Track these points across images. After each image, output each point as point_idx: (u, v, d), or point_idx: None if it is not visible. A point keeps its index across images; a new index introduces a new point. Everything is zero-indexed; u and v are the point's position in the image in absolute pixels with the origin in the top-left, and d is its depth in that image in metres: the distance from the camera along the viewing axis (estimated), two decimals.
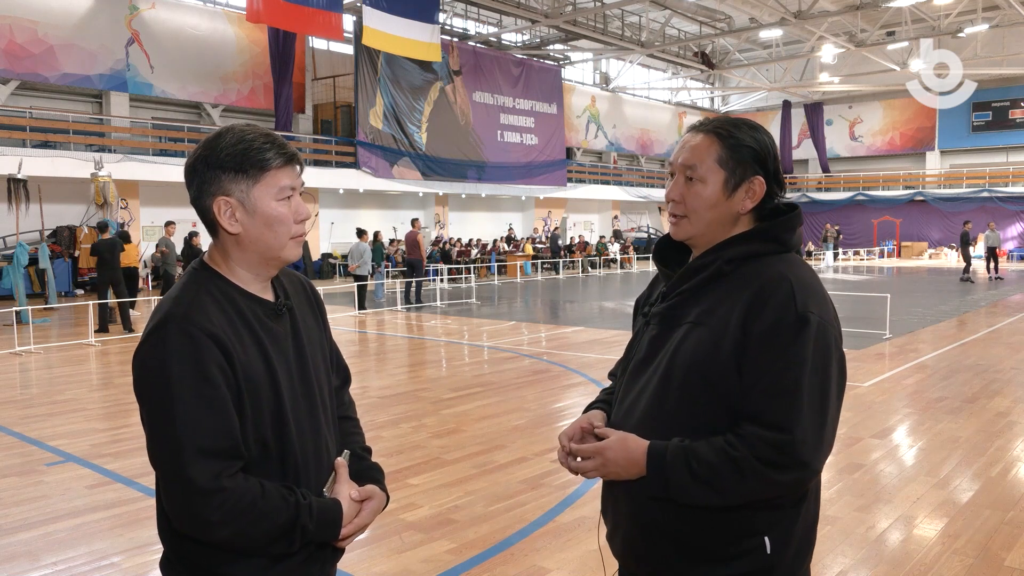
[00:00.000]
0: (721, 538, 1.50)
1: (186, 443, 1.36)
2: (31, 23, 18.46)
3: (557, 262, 26.03)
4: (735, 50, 34.26)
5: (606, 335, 11.38)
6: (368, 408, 6.94)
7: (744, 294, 1.49)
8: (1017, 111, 33.54)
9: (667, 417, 1.53)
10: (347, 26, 22.43)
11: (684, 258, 1.67)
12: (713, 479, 1.43)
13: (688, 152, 1.59)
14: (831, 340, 1.48)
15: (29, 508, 4.46)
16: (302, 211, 1.54)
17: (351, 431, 1.76)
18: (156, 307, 1.50)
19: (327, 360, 1.70)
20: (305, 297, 1.69)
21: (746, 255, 1.55)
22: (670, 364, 1.55)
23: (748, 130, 1.59)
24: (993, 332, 11.40)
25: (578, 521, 4.16)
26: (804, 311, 1.45)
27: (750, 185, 1.57)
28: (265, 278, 1.57)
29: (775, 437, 1.40)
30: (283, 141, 1.53)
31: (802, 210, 1.64)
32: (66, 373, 8.91)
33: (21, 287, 13.11)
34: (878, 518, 4.22)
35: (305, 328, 1.62)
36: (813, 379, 1.43)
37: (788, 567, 1.53)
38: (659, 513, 1.53)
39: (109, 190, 13.57)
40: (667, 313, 1.61)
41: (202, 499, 1.36)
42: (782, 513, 1.50)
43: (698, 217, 1.58)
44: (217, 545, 1.43)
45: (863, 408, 6.74)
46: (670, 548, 1.54)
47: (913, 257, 33.69)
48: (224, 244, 1.53)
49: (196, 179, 1.50)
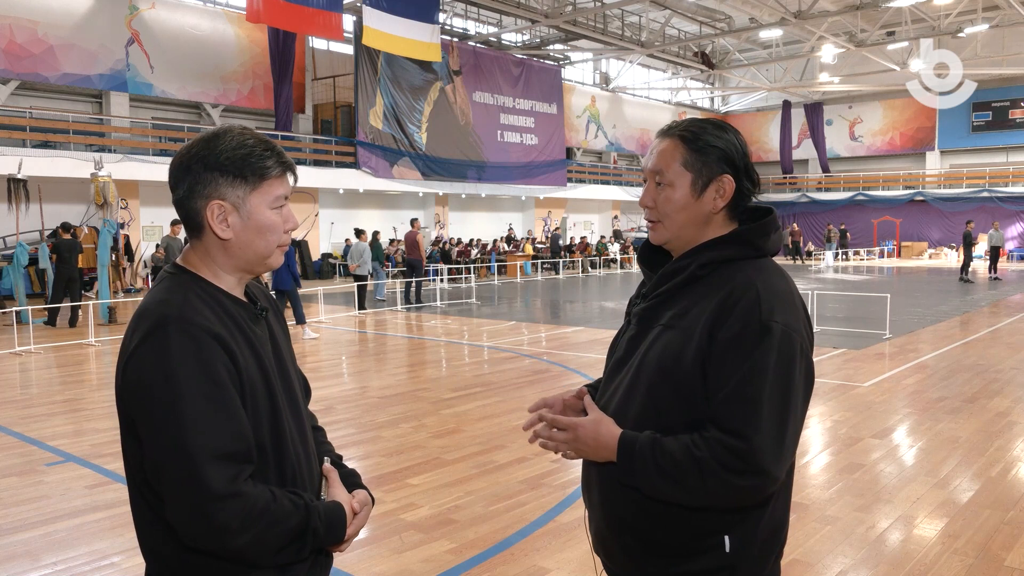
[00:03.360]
0: (682, 535, 1.53)
1: (199, 448, 1.31)
2: (31, 23, 18.47)
3: (557, 262, 26.03)
4: (735, 50, 34.26)
5: (606, 335, 11.37)
6: (368, 408, 6.94)
7: (714, 299, 1.51)
8: (1017, 111, 33.53)
9: (633, 416, 1.56)
10: (347, 26, 22.43)
11: (668, 259, 1.69)
12: (676, 475, 1.45)
13: (655, 157, 1.62)
14: (795, 348, 1.48)
15: (29, 508, 4.46)
16: (292, 221, 1.54)
17: (321, 440, 1.76)
18: (140, 312, 1.42)
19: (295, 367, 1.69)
20: (270, 304, 1.67)
21: (720, 260, 1.56)
22: (640, 364, 1.59)
23: (714, 130, 1.60)
24: (993, 332, 11.39)
25: (578, 521, 4.16)
26: (768, 319, 1.46)
27: (719, 184, 1.58)
28: (243, 283, 1.55)
29: (734, 443, 1.42)
30: (280, 149, 1.51)
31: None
32: (66, 373, 8.91)
33: (21, 287, 13.12)
34: (878, 518, 4.22)
35: (278, 335, 1.61)
36: (774, 387, 1.44)
37: (752, 566, 1.55)
38: (624, 507, 1.57)
39: (109, 190, 13.56)
40: (644, 314, 1.65)
41: (220, 505, 1.31)
42: (744, 514, 1.52)
43: (671, 221, 1.61)
44: (231, 556, 1.37)
45: (863, 408, 6.74)
46: (633, 542, 1.58)
47: (913, 257, 33.67)
48: (208, 247, 1.49)
49: (188, 178, 1.45)
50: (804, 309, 1.56)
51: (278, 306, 1.73)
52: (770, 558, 1.59)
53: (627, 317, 1.75)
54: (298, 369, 1.73)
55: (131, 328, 1.42)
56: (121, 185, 17.70)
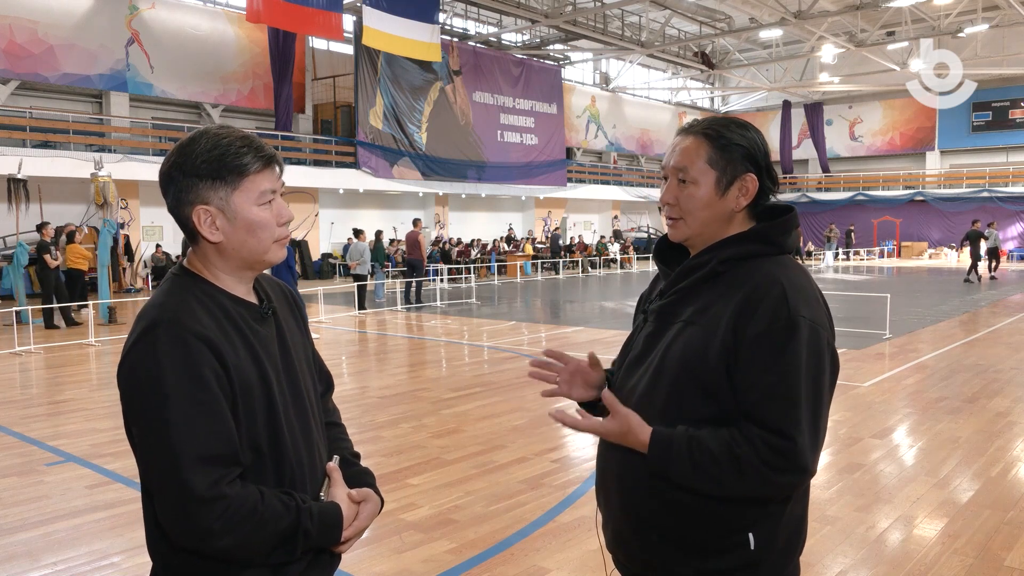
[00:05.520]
0: (707, 532, 1.53)
1: (183, 450, 1.32)
2: (31, 23, 18.46)
3: (557, 262, 26.03)
4: (735, 50, 34.26)
5: (606, 335, 11.37)
6: (368, 408, 6.94)
7: (736, 295, 1.51)
8: (1017, 111, 33.53)
9: (656, 413, 1.55)
10: (347, 26, 22.42)
11: (683, 256, 1.69)
12: (714, 471, 1.45)
13: (679, 155, 1.61)
14: (823, 343, 1.50)
15: (29, 508, 4.46)
16: (284, 213, 1.50)
17: (338, 437, 1.74)
18: (140, 314, 1.43)
19: (311, 365, 1.67)
20: (286, 302, 1.65)
21: (741, 256, 1.57)
22: (661, 361, 1.58)
23: (737, 129, 1.60)
24: (993, 332, 11.39)
25: (578, 521, 4.16)
26: (795, 314, 1.46)
27: (743, 183, 1.58)
28: (248, 281, 1.54)
29: (778, 442, 1.43)
30: (261, 143, 1.47)
31: (798, 211, 1.65)
32: (66, 373, 8.91)
33: (21, 287, 13.11)
34: (878, 518, 4.22)
35: (289, 332, 1.59)
36: (808, 384, 1.45)
37: (775, 564, 1.55)
38: (647, 507, 1.56)
39: (109, 190, 13.57)
40: (663, 311, 1.64)
41: (202, 507, 1.32)
42: (767, 510, 1.52)
43: (694, 218, 1.61)
44: (217, 556, 1.38)
45: (863, 408, 6.74)
46: (657, 541, 1.57)
47: (913, 257, 33.68)
48: (205, 251, 1.48)
49: (172, 187, 1.44)
50: (825, 304, 1.57)
51: (295, 299, 1.71)
52: (793, 556, 1.59)
53: (642, 314, 1.74)
54: (319, 364, 1.72)
55: (131, 330, 1.43)
56: (121, 185, 17.69)
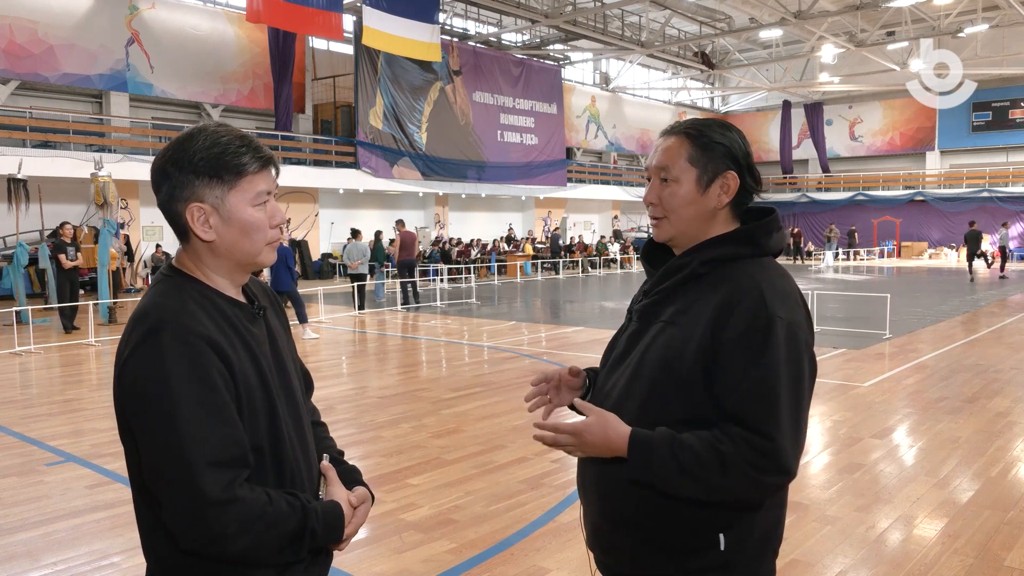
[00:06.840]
0: (680, 532, 1.54)
1: (195, 455, 1.30)
2: (31, 23, 18.46)
3: (557, 262, 26.03)
4: (735, 50, 34.26)
5: (606, 335, 11.37)
6: (368, 408, 6.94)
7: (716, 297, 1.52)
8: (1017, 111, 33.52)
9: (633, 411, 1.56)
10: (347, 26, 22.43)
11: (670, 257, 1.70)
12: (698, 471, 1.44)
13: (661, 154, 1.63)
14: (802, 344, 1.50)
15: (29, 508, 4.46)
16: (278, 216, 1.49)
17: (323, 436, 1.75)
18: (136, 316, 1.39)
19: (296, 364, 1.67)
20: (269, 301, 1.65)
21: (723, 257, 1.57)
22: (640, 360, 1.59)
23: (718, 128, 1.62)
24: (993, 332, 11.39)
25: (578, 521, 4.15)
26: (774, 315, 1.47)
27: (724, 180, 1.59)
28: (239, 282, 1.53)
29: (761, 443, 1.43)
30: (259, 143, 1.46)
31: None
32: (66, 373, 8.91)
33: (21, 287, 13.11)
34: (878, 518, 4.22)
35: (276, 332, 1.59)
36: (788, 385, 1.46)
37: (748, 566, 1.55)
38: (623, 505, 1.57)
39: (109, 190, 13.56)
40: (645, 311, 1.66)
41: (217, 511, 1.31)
42: (739, 512, 1.53)
43: (676, 217, 1.62)
44: (230, 559, 1.37)
45: (863, 408, 6.74)
46: (631, 539, 1.58)
47: (913, 257, 33.68)
48: (197, 250, 1.47)
49: (166, 183, 1.42)
50: (805, 306, 1.58)
51: (278, 301, 1.72)
52: (765, 557, 1.59)
53: (628, 314, 1.76)
54: (300, 364, 1.72)
55: (127, 331, 1.40)
56: (121, 185, 17.69)
